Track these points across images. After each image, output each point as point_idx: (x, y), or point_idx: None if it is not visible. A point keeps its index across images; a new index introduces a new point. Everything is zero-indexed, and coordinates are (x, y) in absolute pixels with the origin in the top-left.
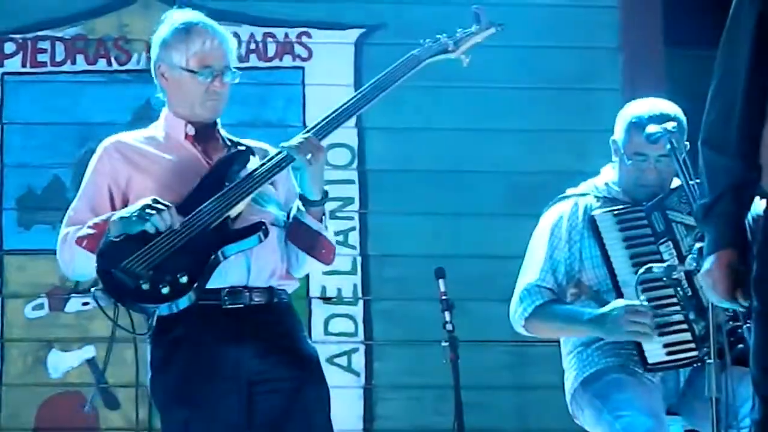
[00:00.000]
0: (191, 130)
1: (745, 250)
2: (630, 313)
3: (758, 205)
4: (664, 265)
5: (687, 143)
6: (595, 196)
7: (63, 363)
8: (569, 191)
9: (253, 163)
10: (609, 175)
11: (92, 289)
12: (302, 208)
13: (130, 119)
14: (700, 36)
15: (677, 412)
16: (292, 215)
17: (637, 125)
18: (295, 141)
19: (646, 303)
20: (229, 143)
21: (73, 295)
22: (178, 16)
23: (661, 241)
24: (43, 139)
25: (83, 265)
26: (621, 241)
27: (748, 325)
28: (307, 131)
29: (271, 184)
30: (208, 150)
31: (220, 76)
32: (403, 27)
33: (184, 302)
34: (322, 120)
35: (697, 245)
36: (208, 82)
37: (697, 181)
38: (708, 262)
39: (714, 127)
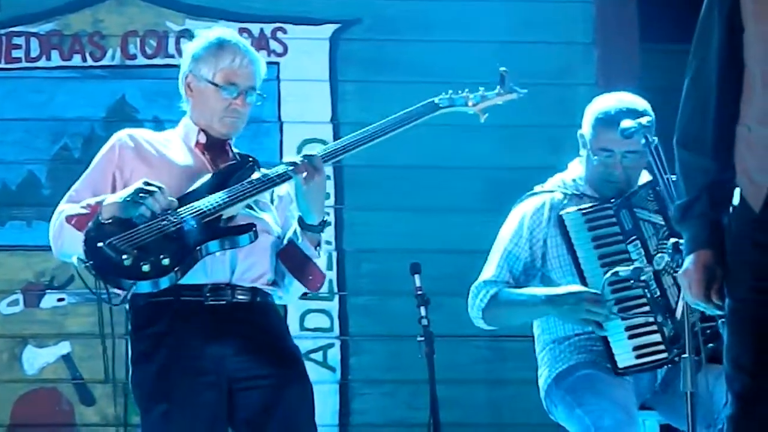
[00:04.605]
0: (203, 138)
1: (723, 249)
2: (589, 302)
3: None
4: (631, 267)
5: (655, 138)
6: (563, 193)
7: (38, 359)
8: (536, 188)
9: (257, 175)
10: (576, 170)
11: (76, 258)
12: (299, 232)
13: (104, 115)
14: (675, 31)
15: (653, 407)
16: (288, 237)
17: (604, 121)
18: (295, 158)
19: (609, 295)
20: (238, 157)
21: (48, 291)
22: (214, 32)
23: (629, 240)
24: (17, 135)
25: (70, 243)
26: (589, 240)
27: (723, 320)
28: (315, 152)
29: (272, 201)
30: (216, 160)
31: (244, 95)
32: (378, 22)
33: (165, 282)
34: (332, 145)
35: (672, 240)
36: (231, 98)
37: (672, 177)
38: (686, 263)
39: (688, 128)
